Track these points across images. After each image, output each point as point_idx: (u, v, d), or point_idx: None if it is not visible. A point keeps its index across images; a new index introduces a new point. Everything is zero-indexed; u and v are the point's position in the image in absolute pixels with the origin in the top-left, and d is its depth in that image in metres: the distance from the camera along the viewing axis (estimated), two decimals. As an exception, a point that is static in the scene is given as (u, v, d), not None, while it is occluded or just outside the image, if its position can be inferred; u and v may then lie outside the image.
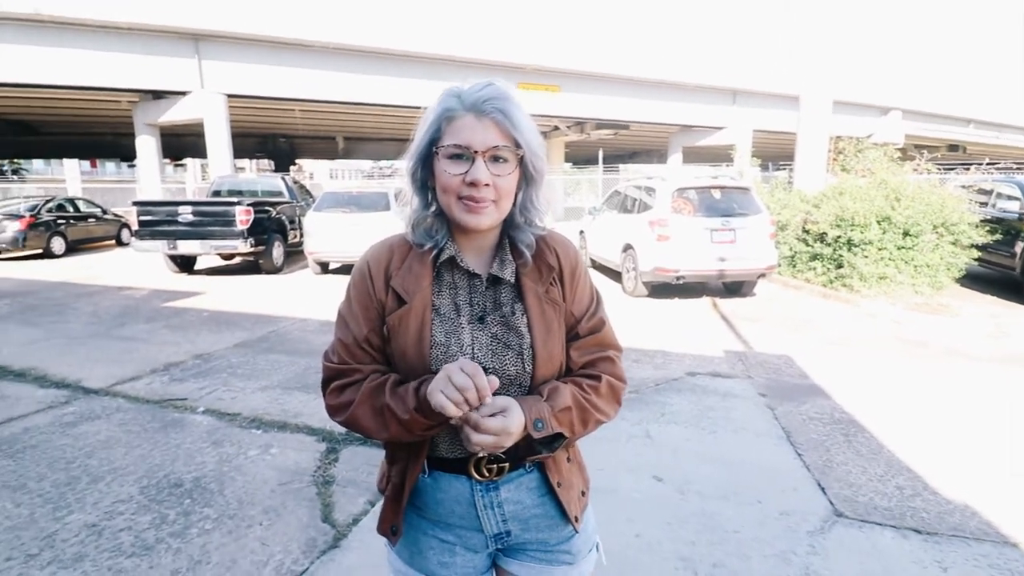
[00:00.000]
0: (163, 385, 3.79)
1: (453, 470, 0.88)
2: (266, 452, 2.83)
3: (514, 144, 0.81)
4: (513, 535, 0.92)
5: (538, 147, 0.84)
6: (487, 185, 0.80)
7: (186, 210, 8.46)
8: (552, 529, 0.93)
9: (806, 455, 2.82)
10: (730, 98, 20.26)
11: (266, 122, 21.05)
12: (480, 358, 0.84)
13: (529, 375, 0.85)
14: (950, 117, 25.04)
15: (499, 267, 0.88)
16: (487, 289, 0.88)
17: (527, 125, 0.82)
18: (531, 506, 0.91)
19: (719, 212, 6.51)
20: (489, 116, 0.80)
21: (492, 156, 0.80)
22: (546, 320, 0.87)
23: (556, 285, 0.90)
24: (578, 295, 0.92)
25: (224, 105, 14.35)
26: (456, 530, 0.92)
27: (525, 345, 0.86)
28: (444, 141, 0.81)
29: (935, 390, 3.75)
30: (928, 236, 6.49)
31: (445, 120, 0.82)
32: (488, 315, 0.87)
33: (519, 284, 0.88)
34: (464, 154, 0.80)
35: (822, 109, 8.92)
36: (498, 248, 0.90)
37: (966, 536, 2.16)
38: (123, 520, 2.24)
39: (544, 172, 0.87)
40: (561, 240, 0.94)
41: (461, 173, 0.80)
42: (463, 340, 0.85)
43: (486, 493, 0.89)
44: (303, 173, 36.31)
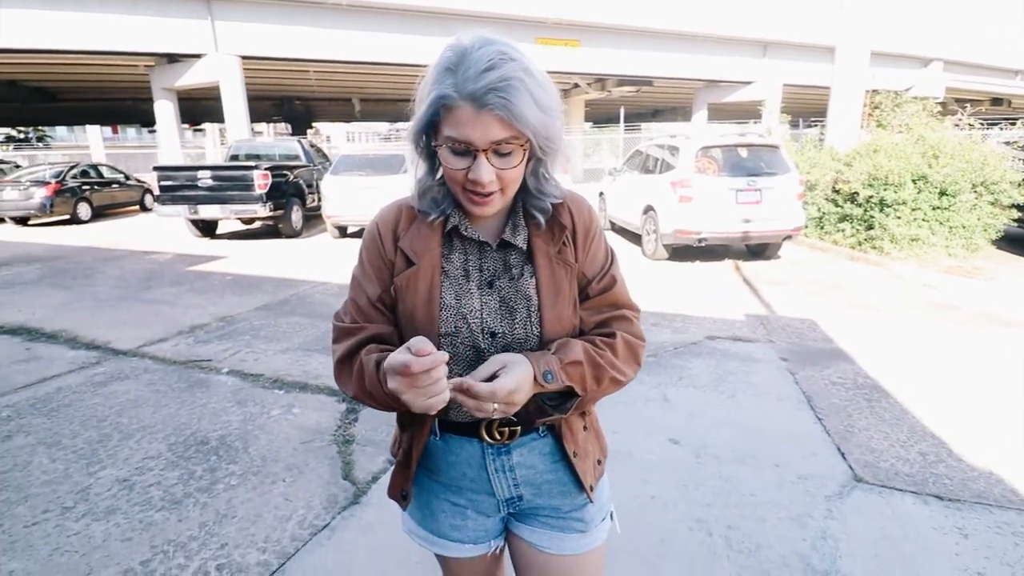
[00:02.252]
0: (188, 347, 3.89)
1: (464, 433, 0.87)
2: (288, 412, 2.90)
3: (520, 135, 0.73)
4: (525, 499, 0.91)
5: (550, 128, 0.75)
6: (491, 181, 0.76)
7: (205, 175, 8.50)
8: (565, 496, 0.91)
9: (827, 420, 2.78)
10: (760, 50, 19.27)
11: (281, 84, 20.83)
12: (489, 322, 0.83)
13: (537, 337, 0.83)
14: (995, 68, 23.51)
15: (511, 233, 0.85)
16: (496, 251, 0.86)
17: (536, 110, 0.72)
18: (543, 471, 0.89)
19: (745, 171, 6.28)
20: (490, 111, 0.71)
21: (495, 150, 0.74)
22: (556, 281, 0.84)
23: (569, 245, 0.86)
24: (591, 254, 0.88)
25: (239, 67, 14.21)
26: (467, 493, 0.91)
27: (533, 307, 0.83)
28: (443, 129, 0.75)
29: (965, 356, 3.64)
30: (966, 195, 6.19)
31: (442, 107, 0.74)
32: (497, 279, 0.85)
33: (530, 246, 0.85)
34: (465, 150, 0.74)
35: (859, 61, 8.42)
36: (511, 213, 0.86)
37: (989, 503, 2.12)
38: (152, 476, 2.33)
39: (558, 145, 0.79)
40: (576, 200, 0.89)
41: (463, 168, 0.75)
42: (473, 304, 0.83)
43: (497, 456, 0.87)
44: (320, 136, 36.13)
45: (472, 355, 0.83)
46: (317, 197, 9.53)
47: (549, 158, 0.82)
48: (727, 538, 1.94)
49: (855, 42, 8.42)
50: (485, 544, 0.95)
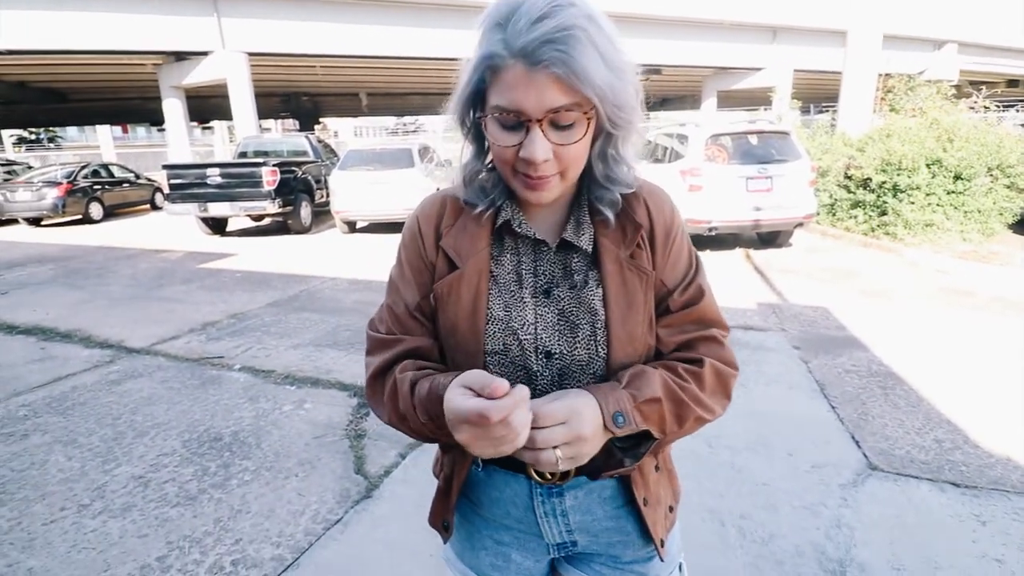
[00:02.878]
0: (201, 344, 3.93)
1: (509, 467, 0.74)
2: (300, 407, 2.92)
3: (584, 101, 0.59)
4: (580, 545, 0.78)
5: (622, 93, 0.61)
6: (547, 160, 0.61)
7: (214, 172, 8.55)
8: (627, 546, 0.78)
9: (840, 408, 2.75)
10: (769, 36, 18.96)
11: (289, 81, 20.87)
12: (544, 339, 0.69)
13: (603, 360, 0.68)
14: (1011, 49, 22.94)
15: (574, 231, 0.70)
16: (556, 253, 0.72)
17: (603, 67, 0.58)
18: (602, 518, 0.76)
19: (755, 159, 6.20)
20: (545, 68, 0.57)
21: (552, 121, 0.60)
22: (628, 291, 0.70)
23: (644, 248, 0.71)
24: (671, 260, 0.73)
25: (246, 64, 14.24)
26: (513, 532, 0.79)
27: (599, 323, 0.69)
28: (490, 98, 0.61)
29: (980, 342, 3.58)
30: (981, 179, 6.07)
31: (488, 70, 0.61)
32: (556, 287, 0.71)
33: (597, 247, 0.71)
34: (516, 122, 0.60)
35: (871, 44, 8.26)
36: (573, 207, 0.72)
37: (1007, 490, 2.09)
38: (167, 472, 2.36)
39: (633, 119, 0.64)
40: (654, 192, 0.74)
41: (514, 145, 0.61)
42: (526, 317, 0.70)
43: (547, 499, 0.74)
44: (328, 131, 36.18)
45: (523, 378, 0.70)
46: (326, 193, 9.55)
47: (621, 134, 0.66)
48: (740, 527, 1.93)
49: (867, 25, 8.26)
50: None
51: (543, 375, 0.70)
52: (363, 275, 5.92)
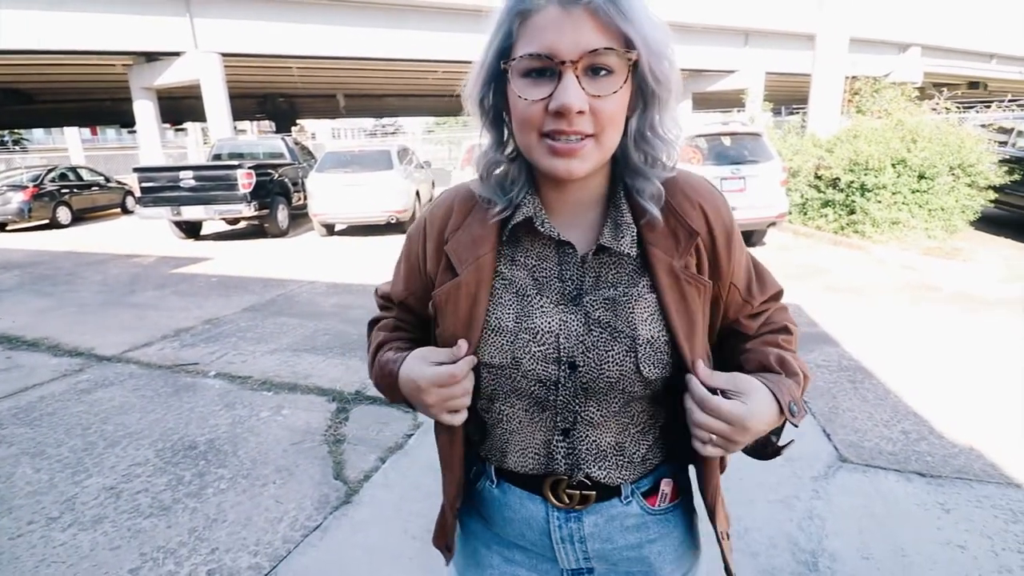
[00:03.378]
0: (174, 350, 3.85)
1: (525, 486, 0.69)
2: (278, 413, 2.89)
3: (623, 43, 0.53)
4: (596, 573, 0.72)
5: (661, 43, 0.55)
6: (581, 112, 0.54)
7: (187, 175, 8.38)
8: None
9: (812, 403, 2.82)
10: (742, 39, 19.35)
11: (264, 82, 20.53)
12: (568, 348, 0.62)
13: (646, 380, 0.61)
14: (971, 52, 23.81)
15: (612, 234, 0.62)
16: (589, 261, 0.63)
17: (643, 7, 0.54)
18: (623, 548, 0.70)
19: (729, 160, 6.33)
20: (582, 2, 0.52)
21: (589, 66, 0.53)
22: (687, 307, 0.62)
23: (703, 254, 0.64)
24: (735, 262, 0.67)
25: (220, 65, 13.97)
26: (526, 552, 0.73)
27: (642, 337, 0.61)
28: (517, 50, 0.55)
29: (944, 335, 3.71)
30: (944, 178, 6.29)
31: (518, 17, 0.55)
32: (587, 294, 0.63)
33: (645, 255, 0.62)
34: (547, 68, 0.54)
35: (838, 47, 8.49)
36: (608, 204, 0.64)
37: (969, 478, 2.17)
38: (140, 482, 2.31)
39: (674, 83, 0.58)
40: (703, 187, 0.66)
41: (543, 98, 0.54)
42: (546, 325, 0.62)
43: (565, 523, 0.68)
44: (305, 133, 35.72)
45: (537, 390, 0.64)
46: (303, 195, 9.44)
47: (663, 95, 0.58)
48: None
49: (834, 29, 8.49)
50: None
51: (565, 387, 0.63)
52: (342, 279, 5.87)
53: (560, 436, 0.65)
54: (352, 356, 3.63)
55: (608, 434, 0.66)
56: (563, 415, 0.64)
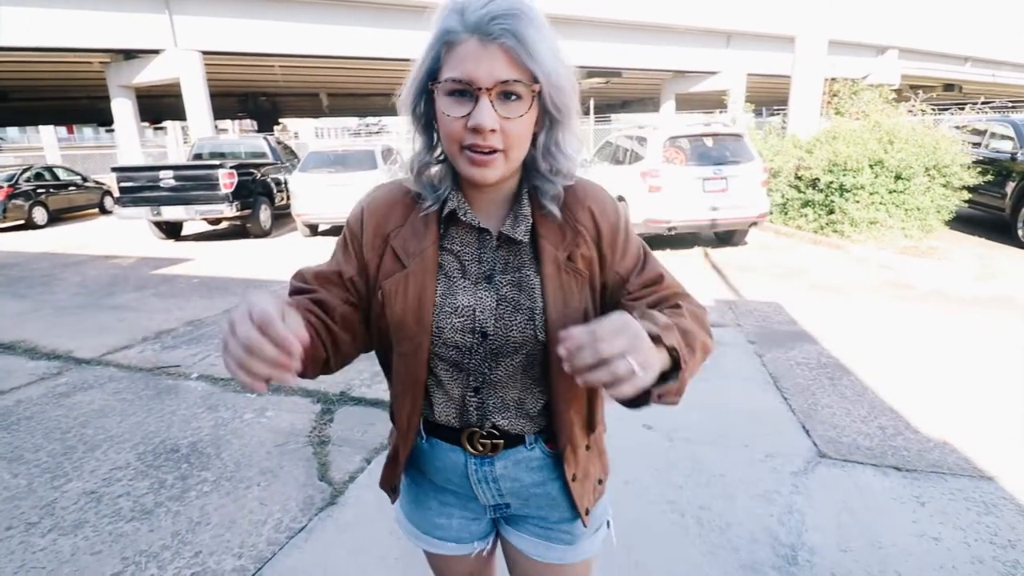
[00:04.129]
0: (155, 353, 3.79)
1: (447, 439, 0.83)
2: (261, 415, 2.86)
3: (530, 77, 0.65)
4: (513, 507, 0.87)
5: (562, 78, 0.67)
6: (494, 131, 0.65)
7: (167, 175, 8.24)
8: (554, 508, 0.86)
9: (792, 399, 2.88)
10: (724, 41, 19.58)
11: (246, 80, 20.25)
12: (482, 320, 0.75)
13: (542, 343, 0.74)
14: (947, 55, 24.39)
15: (512, 224, 0.74)
16: (499, 248, 0.76)
17: (547, 50, 0.65)
18: (530, 485, 0.84)
19: (711, 160, 6.41)
20: (497, 41, 0.62)
21: (501, 92, 0.64)
22: (565, 292, 0.74)
23: (587, 248, 0.75)
24: (620, 253, 0.78)
25: (200, 63, 13.75)
26: (455, 494, 0.89)
27: (538, 309, 0.74)
28: (443, 73, 0.66)
29: (919, 332, 3.81)
30: (920, 179, 6.44)
31: (444, 45, 0.65)
32: (497, 275, 0.76)
33: (536, 245, 0.75)
34: (466, 91, 0.64)
35: (817, 50, 8.64)
36: (514, 201, 0.76)
37: (944, 472, 2.24)
38: (121, 486, 2.27)
39: (572, 109, 0.70)
40: (595, 192, 0.78)
41: (463, 116, 0.65)
42: (465, 301, 0.75)
43: (480, 467, 0.83)
44: (288, 132, 35.31)
45: (454, 355, 0.76)
46: (286, 195, 9.34)
47: (562, 119, 0.71)
48: (699, 518, 2.01)
49: (814, 31, 8.64)
50: (468, 545, 0.92)
51: (477, 352, 0.76)
52: (326, 279, 5.82)
53: (472, 393, 0.78)
54: (337, 357, 3.62)
55: (512, 391, 0.78)
56: (475, 375, 0.77)
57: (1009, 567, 1.73)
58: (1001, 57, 26.34)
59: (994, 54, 26.11)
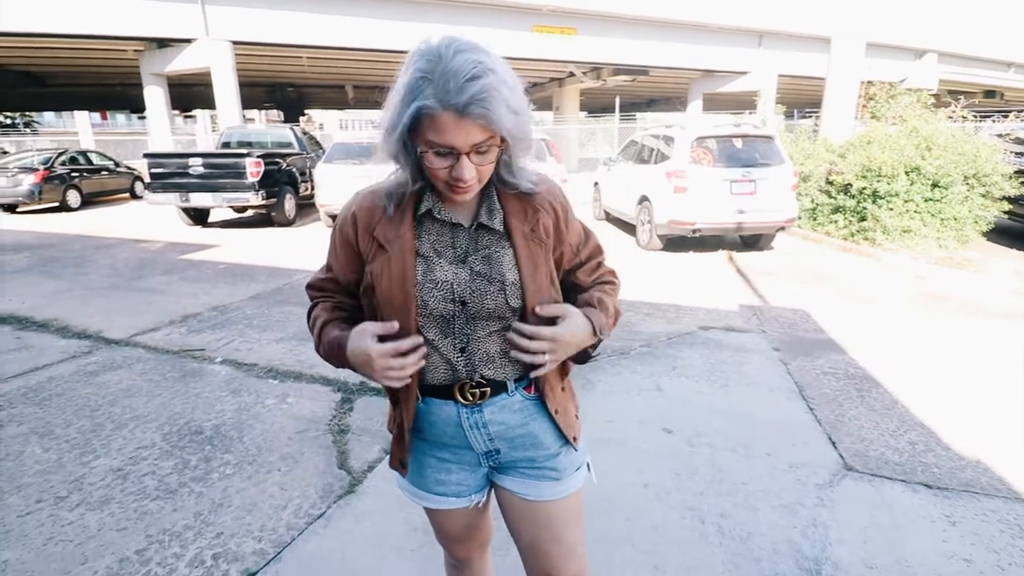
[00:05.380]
0: (181, 336, 3.87)
1: (441, 396, 0.96)
2: (283, 401, 2.90)
3: (496, 137, 0.82)
4: (503, 453, 1.00)
5: (520, 127, 0.82)
6: (473, 177, 0.83)
7: (196, 162, 8.40)
8: (538, 448, 1.01)
9: (818, 409, 2.81)
10: (755, 40, 19.18)
11: (274, 71, 20.54)
12: (460, 292, 0.90)
13: (512, 309, 0.92)
14: (989, 60, 23.55)
15: (487, 216, 0.92)
16: (472, 234, 0.93)
17: (508, 112, 0.79)
18: (514, 426, 0.98)
19: (740, 162, 6.28)
20: (471, 119, 0.77)
21: (475, 150, 0.81)
22: (533, 258, 0.93)
23: (547, 221, 0.95)
24: (570, 230, 1.00)
25: (231, 53, 13.98)
26: (451, 448, 1.01)
27: (508, 280, 0.91)
28: (425, 134, 0.80)
29: (953, 346, 3.68)
30: (958, 188, 6.23)
31: (424, 115, 0.79)
32: (470, 255, 0.92)
33: (507, 226, 0.93)
34: (448, 152, 0.81)
35: (854, 52, 8.41)
36: (484, 196, 0.93)
37: (976, 492, 2.16)
38: (147, 465, 2.32)
39: (529, 136, 0.86)
40: (545, 180, 0.98)
41: (446, 167, 0.82)
42: (444, 277, 0.90)
43: (471, 415, 0.96)
44: (313, 123, 35.72)
45: (440, 323, 0.92)
46: (310, 185, 9.45)
47: (521, 150, 0.89)
48: (719, 526, 1.97)
49: (850, 33, 8.41)
50: (467, 498, 1.04)
51: (458, 318, 0.92)
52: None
53: (459, 352, 0.93)
54: (358, 347, 3.64)
55: (493, 345, 0.94)
56: (459, 337, 0.93)
57: (1046, 594, 1.67)
58: (1046, 64, 25.34)
59: (1039, 60, 25.12)
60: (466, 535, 1.12)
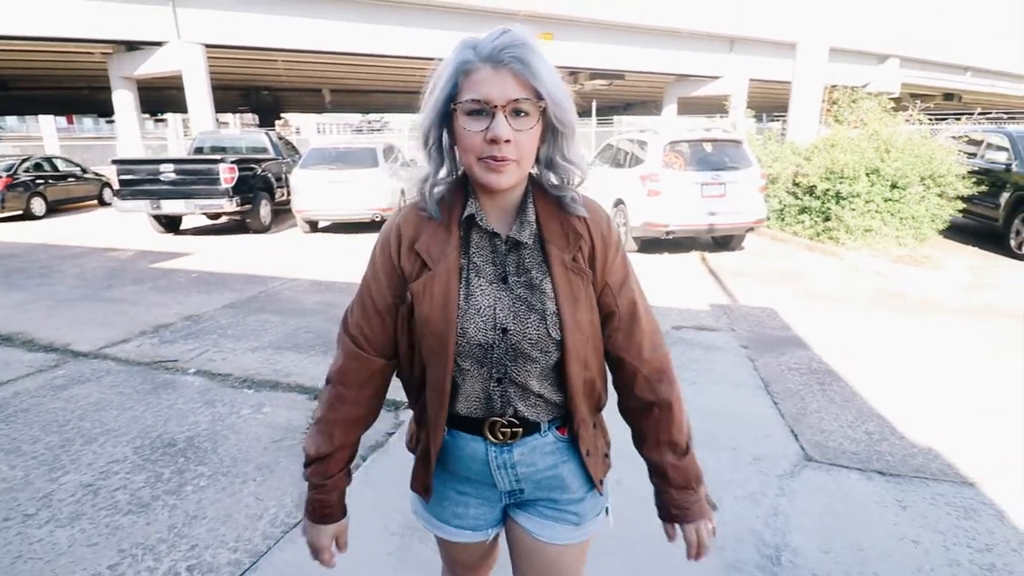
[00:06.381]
0: (153, 347, 3.82)
1: (469, 430, 0.91)
2: (258, 411, 2.90)
3: (535, 95, 0.76)
4: (526, 492, 0.95)
5: (563, 98, 0.79)
6: (508, 142, 0.76)
7: (168, 168, 8.26)
8: (563, 491, 0.95)
9: (782, 404, 2.92)
10: (727, 46, 19.62)
11: (248, 74, 20.23)
12: (502, 319, 0.84)
13: (555, 341, 0.84)
14: (947, 65, 24.44)
15: (518, 229, 0.84)
16: (509, 252, 0.86)
17: (549, 74, 0.77)
18: (543, 469, 0.92)
19: (710, 166, 6.45)
20: (507, 66, 0.75)
21: (513, 110, 0.76)
22: (572, 289, 0.84)
23: (586, 250, 0.86)
24: (609, 263, 0.88)
25: (203, 56, 13.74)
26: (473, 483, 0.96)
27: (549, 310, 0.84)
28: (462, 96, 0.77)
29: (910, 341, 3.85)
30: (915, 188, 6.49)
31: (462, 74, 0.77)
32: (511, 276, 0.85)
33: (543, 249, 0.85)
34: (483, 109, 0.76)
35: (818, 57, 8.69)
36: (520, 208, 0.86)
37: (927, 477, 2.28)
38: (118, 479, 2.31)
39: (573, 125, 0.82)
40: (592, 206, 0.89)
41: (482, 130, 0.76)
42: (480, 303, 0.84)
43: (499, 454, 0.91)
44: (289, 127, 35.24)
45: (478, 352, 0.85)
46: (286, 191, 9.36)
47: (566, 131, 0.82)
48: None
49: (815, 38, 8.69)
50: (483, 532, 0.99)
51: (499, 346, 0.84)
52: (325, 276, 5.86)
53: (495, 384, 0.87)
54: (334, 354, 3.64)
55: (531, 380, 0.87)
56: (497, 367, 0.86)
57: (985, 570, 1.78)
58: (1001, 68, 26.42)
59: (994, 64, 26.18)
60: (477, 563, 1.09)
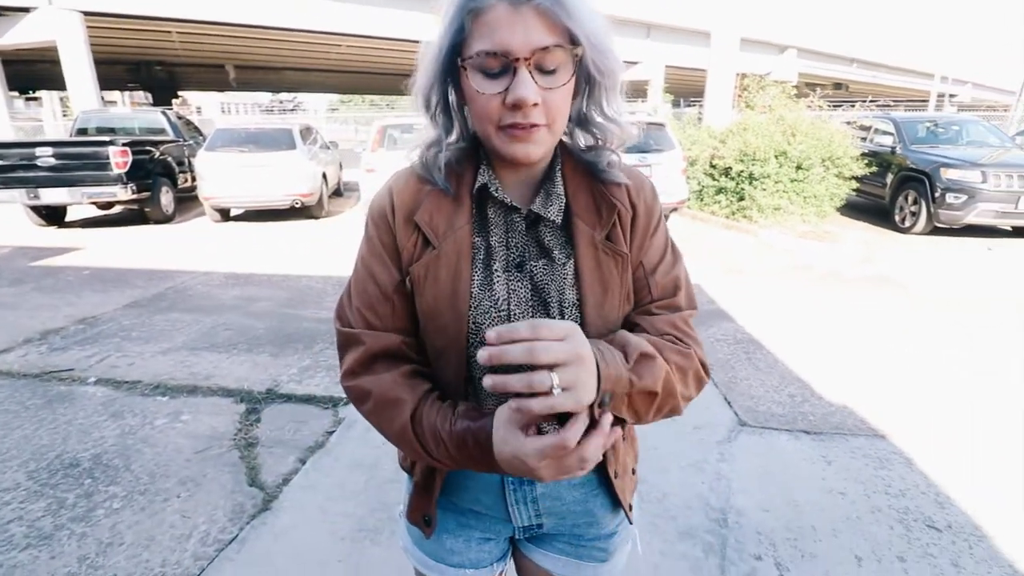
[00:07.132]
0: (41, 356, 3.37)
1: None
2: (176, 420, 2.63)
3: (568, 39, 0.57)
4: (546, 527, 0.79)
5: (604, 40, 0.59)
6: (535, 105, 0.57)
7: (46, 152, 7.26)
8: (590, 525, 0.79)
9: (715, 374, 3.07)
10: (644, 32, 20.22)
11: (137, 47, 18.22)
12: (518, 315, 0.65)
13: None
14: (837, 56, 26.77)
15: (543, 203, 0.66)
16: (528, 229, 0.67)
17: (585, 8, 0.57)
18: (571, 503, 0.76)
19: (636, 148, 6.62)
20: (530, 2, 0.55)
21: (539, 63, 0.57)
22: (603, 276, 0.66)
23: (620, 229, 0.67)
24: (649, 240, 0.70)
25: (81, 25, 12.18)
26: (481, 516, 0.79)
27: (568, 301, 0.66)
28: (472, 47, 0.57)
29: (818, 309, 4.20)
30: (817, 169, 7.05)
31: (469, 15, 0.57)
32: (529, 261, 0.67)
33: (569, 225, 0.67)
34: (500, 67, 0.57)
35: (730, 45, 9.16)
36: (545, 179, 0.68)
37: (845, 433, 2.49)
38: (11, 511, 2.00)
39: (616, 73, 0.63)
40: (635, 174, 0.71)
41: (499, 92, 0.57)
42: (497, 293, 0.65)
43: (519, 487, 0.74)
44: (188, 107, 32.32)
45: None
46: (190, 176, 8.57)
47: (606, 81, 0.63)
48: (639, 491, 2.09)
49: (727, 27, 9.14)
50: (488, 568, 0.82)
51: None
52: (242, 268, 5.44)
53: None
54: (260, 352, 3.38)
55: None
56: None
57: (901, 513, 1.97)
58: (880, 60, 29.33)
59: (875, 57, 29.02)
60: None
